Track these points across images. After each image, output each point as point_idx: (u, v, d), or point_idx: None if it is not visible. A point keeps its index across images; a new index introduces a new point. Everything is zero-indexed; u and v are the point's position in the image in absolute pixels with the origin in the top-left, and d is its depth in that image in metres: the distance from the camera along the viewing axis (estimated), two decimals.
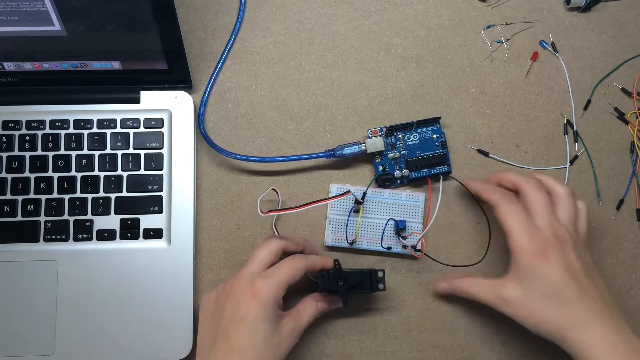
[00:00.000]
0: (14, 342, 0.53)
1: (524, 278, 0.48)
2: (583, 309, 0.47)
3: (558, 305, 0.47)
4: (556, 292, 0.47)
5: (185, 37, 0.59)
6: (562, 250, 0.48)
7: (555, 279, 0.47)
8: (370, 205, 0.57)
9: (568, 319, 0.47)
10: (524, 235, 0.49)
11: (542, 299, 0.47)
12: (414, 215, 0.57)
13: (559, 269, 0.48)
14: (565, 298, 0.47)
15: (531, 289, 0.48)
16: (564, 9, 0.64)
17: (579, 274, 0.48)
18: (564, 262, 0.48)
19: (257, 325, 0.46)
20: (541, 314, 0.47)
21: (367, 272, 0.52)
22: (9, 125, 0.57)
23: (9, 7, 0.48)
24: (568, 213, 0.51)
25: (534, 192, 0.51)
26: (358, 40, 0.62)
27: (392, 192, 0.57)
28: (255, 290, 0.47)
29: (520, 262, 0.49)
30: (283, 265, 0.50)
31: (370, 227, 0.57)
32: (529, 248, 0.48)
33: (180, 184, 0.57)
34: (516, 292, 0.48)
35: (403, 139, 0.59)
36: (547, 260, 0.48)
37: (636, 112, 0.61)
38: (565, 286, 0.47)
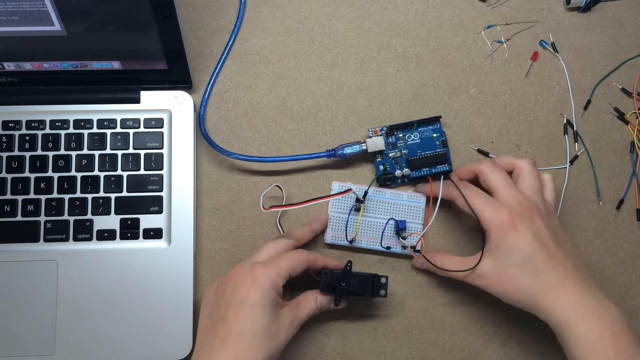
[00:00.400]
0: (14, 342, 0.53)
1: (495, 251, 0.49)
2: (554, 276, 0.48)
3: (530, 274, 0.48)
4: (527, 261, 0.48)
5: (185, 37, 0.59)
6: (530, 219, 0.49)
7: (525, 248, 0.48)
8: (371, 205, 0.57)
9: (540, 286, 0.48)
10: (488, 211, 0.50)
11: (514, 269, 0.48)
12: (414, 216, 0.57)
13: (528, 237, 0.48)
14: (536, 266, 0.48)
15: (503, 260, 0.49)
16: (564, 9, 0.64)
17: (547, 241, 0.49)
18: (532, 230, 0.49)
19: (256, 310, 0.46)
20: (514, 283, 0.48)
21: (370, 276, 0.52)
22: (9, 125, 0.57)
23: (9, 7, 0.48)
24: (531, 183, 0.52)
25: (491, 171, 0.52)
26: (358, 40, 0.62)
27: (394, 192, 0.58)
28: (255, 276, 0.47)
29: (491, 237, 0.50)
30: (284, 256, 0.50)
31: (371, 226, 0.57)
32: (497, 221, 0.49)
33: (180, 184, 0.57)
34: (488, 266, 0.49)
35: (404, 138, 0.59)
36: (516, 230, 0.48)
37: (636, 112, 0.61)
38: (536, 254, 0.48)
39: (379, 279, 0.52)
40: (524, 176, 0.52)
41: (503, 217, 0.49)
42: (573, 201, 0.59)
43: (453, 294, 0.57)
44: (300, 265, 0.50)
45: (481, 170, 0.53)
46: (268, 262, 0.49)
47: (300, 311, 0.50)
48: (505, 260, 0.49)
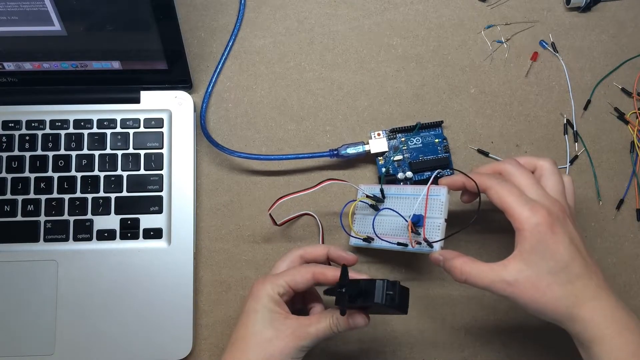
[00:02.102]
0: (14, 342, 0.53)
1: (530, 255, 0.44)
2: (590, 284, 0.44)
3: (565, 282, 0.44)
4: (564, 268, 0.44)
5: (185, 37, 0.59)
6: (565, 222, 0.46)
7: (563, 254, 0.44)
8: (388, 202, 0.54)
9: (577, 296, 0.44)
10: (524, 209, 0.45)
11: (550, 276, 0.44)
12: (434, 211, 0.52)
13: (566, 241, 0.44)
14: (573, 274, 0.44)
15: (538, 266, 0.44)
16: (564, 9, 0.64)
17: (581, 247, 0.46)
18: (568, 234, 0.45)
19: (249, 317, 0.48)
20: (548, 293, 0.44)
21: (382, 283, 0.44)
22: (9, 125, 0.57)
23: (9, 7, 0.48)
24: (555, 184, 0.48)
25: (516, 170, 0.48)
26: (358, 40, 0.62)
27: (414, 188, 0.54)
28: (252, 288, 0.49)
29: (525, 239, 0.45)
30: (293, 269, 0.50)
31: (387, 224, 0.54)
32: (534, 222, 0.44)
33: (180, 184, 0.57)
34: (520, 273, 0.44)
35: (406, 142, 0.59)
36: (554, 233, 0.44)
37: (636, 112, 0.61)
38: (573, 261, 0.44)
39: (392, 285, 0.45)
40: (547, 176, 0.49)
41: (541, 218, 0.44)
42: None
43: (453, 294, 0.57)
44: (302, 277, 0.48)
45: (506, 169, 0.49)
46: (266, 276, 0.50)
47: (309, 324, 0.47)
48: (540, 266, 0.44)
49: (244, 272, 0.57)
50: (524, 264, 0.45)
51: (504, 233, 0.50)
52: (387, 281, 0.44)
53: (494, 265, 0.46)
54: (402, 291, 0.45)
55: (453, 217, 0.57)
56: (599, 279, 0.45)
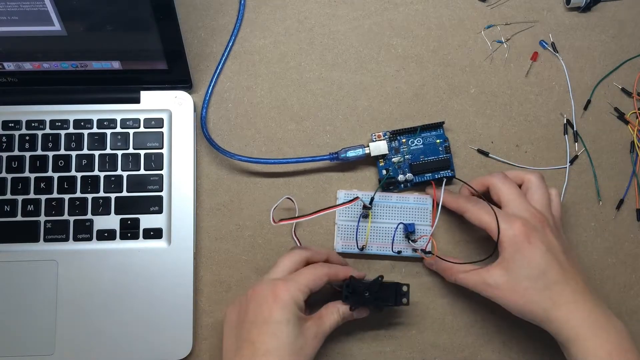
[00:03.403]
0: (13, 342, 0.53)
1: (508, 263, 0.49)
2: (567, 289, 0.48)
3: (543, 287, 0.48)
4: (540, 274, 0.48)
5: (185, 37, 0.59)
6: (543, 232, 0.49)
7: (539, 261, 0.48)
8: (379, 210, 0.57)
9: (553, 299, 0.48)
10: (502, 224, 0.50)
11: (527, 282, 0.48)
12: (422, 218, 0.57)
13: (542, 250, 0.48)
14: (549, 279, 0.48)
15: (516, 272, 0.49)
16: (564, 9, 0.64)
17: (559, 255, 0.49)
18: (545, 244, 0.49)
19: (281, 328, 0.46)
20: (526, 296, 0.48)
21: (393, 285, 0.52)
22: (9, 125, 0.57)
23: (9, 7, 0.48)
24: (540, 197, 0.52)
25: (502, 185, 0.53)
26: (358, 40, 0.62)
27: (400, 196, 0.57)
28: (276, 293, 0.47)
29: (504, 249, 0.49)
30: (305, 271, 0.50)
31: (380, 231, 0.57)
32: (510, 234, 0.49)
33: (180, 184, 0.57)
34: (501, 277, 0.49)
35: (407, 143, 0.59)
36: (530, 243, 0.48)
37: (636, 112, 0.61)
38: (549, 268, 0.48)
39: (401, 287, 0.52)
40: (533, 190, 0.53)
41: (516, 229, 0.49)
42: (573, 201, 0.59)
43: (453, 294, 0.57)
44: (320, 279, 0.50)
45: (493, 182, 0.53)
46: (288, 279, 0.49)
47: (324, 324, 0.50)
48: (518, 273, 0.48)
49: (244, 272, 0.57)
50: (504, 271, 0.49)
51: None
52: (398, 284, 0.52)
53: (479, 270, 0.51)
54: (408, 291, 0.52)
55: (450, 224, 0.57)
56: (577, 284, 0.48)
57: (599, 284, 0.58)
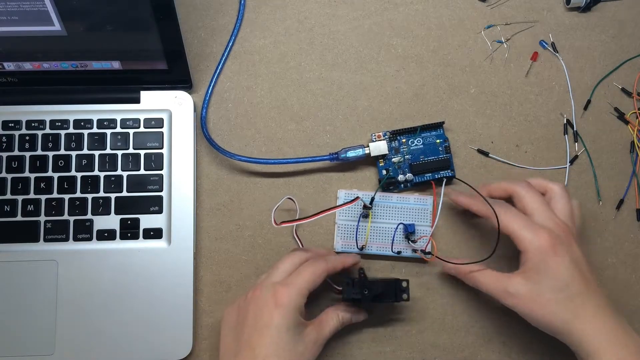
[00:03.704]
0: (13, 342, 0.53)
1: (532, 274, 0.48)
2: (590, 302, 0.47)
3: (565, 299, 0.47)
4: (564, 286, 0.47)
5: (185, 37, 0.59)
6: (568, 243, 0.49)
7: (563, 273, 0.47)
8: (379, 210, 0.57)
9: (575, 312, 0.47)
10: (528, 233, 0.49)
11: (549, 293, 0.47)
12: (422, 219, 0.57)
13: (567, 262, 0.48)
14: (572, 292, 0.47)
15: (539, 283, 0.48)
16: (564, 9, 0.64)
17: (583, 267, 0.48)
18: (570, 255, 0.48)
19: (281, 334, 0.46)
20: (548, 307, 0.47)
21: (392, 281, 0.52)
22: (9, 125, 0.57)
23: (9, 7, 0.48)
24: (564, 207, 0.52)
25: (527, 193, 0.52)
26: (358, 40, 0.62)
27: (400, 197, 0.57)
28: (277, 298, 0.47)
29: (529, 259, 0.48)
30: (303, 271, 0.49)
31: (380, 231, 0.57)
32: (536, 244, 0.48)
33: (180, 184, 0.57)
34: (523, 287, 0.48)
35: (407, 143, 0.59)
36: (556, 254, 0.48)
37: (636, 112, 0.61)
38: (572, 280, 0.47)
39: (401, 283, 0.52)
40: (556, 199, 0.52)
41: (543, 240, 0.48)
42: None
43: (453, 294, 0.57)
44: (320, 277, 0.50)
45: (517, 191, 0.52)
46: (288, 283, 0.48)
47: (323, 329, 0.50)
48: (541, 283, 0.48)
49: (244, 272, 0.57)
50: (527, 280, 0.48)
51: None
52: (399, 281, 0.52)
53: (500, 276, 0.50)
54: (407, 287, 0.52)
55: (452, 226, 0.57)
56: (599, 298, 0.48)
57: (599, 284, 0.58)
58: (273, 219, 0.51)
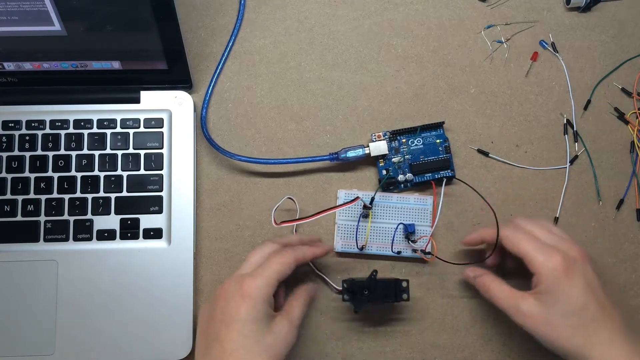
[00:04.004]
0: (14, 342, 0.53)
1: (545, 296, 0.47)
2: (604, 329, 0.46)
3: (578, 324, 0.46)
4: (577, 311, 0.46)
5: (185, 37, 0.59)
6: (582, 266, 0.48)
7: (577, 297, 0.46)
8: (379, 210, 0.57)
9: (589, 338, 0.46)
10: (540, 255, 0.48)
11: (562, 317, 0.46)
12: (422, 219, 0.57)
13: (581, 286, 0.47)
14: (586, 317, 0.46)
15: (552, 306, 0.47)
16: (564, 9, 0.64)
17: (598, 291, 0.47)
18: (584, 279, 0.47)
19: (248, 326, 0.45)
20: (561, 331, 0.46)
21: (392, 281, 0.52)
22: (9, 125, 0.57)
23: (9, 7, 0.48)
24: (559, 232, 0.51)
25: (528, 222, 0.52)
26: (358, 40, 0.62)
27: (400, 197, 0.57)
28: (243, 290, 0.46)
29: (541, 282, 0.48)
30: (270, 262, 0.48)
31: (380, 231, 0.57)
32: (549, 266, 0.47)
33: (180, 184, 0.57)
34: (535, 308, 0.47)
35: (407, 143, 0.59)
36: (569, 277, 0.47)
37: (636, 112, 0.61)
38: (586, 304, 0.46)
39: (401, 283, 0.52)
40: (550, 227, 0.52)
41: (556, 262, 0.47)
42: (573, 201, 0.59)
43: (453, 294, 0.57)
44: (288, 267, 0.48)
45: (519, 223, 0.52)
46: (255, 274, 0.47)
47: (292, 315, 0.48)
48: (554, 306, 0.47)
49: None
50: (539, 302, 0.47)
51: None
52: (399, 281, 0.52)
53: (515, 293, 0.49)
54: (407, 287, 0.52)
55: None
56: (614, 323, 0.47)
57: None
58: (273, 219, 0.51)
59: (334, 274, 0.57)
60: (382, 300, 0.52)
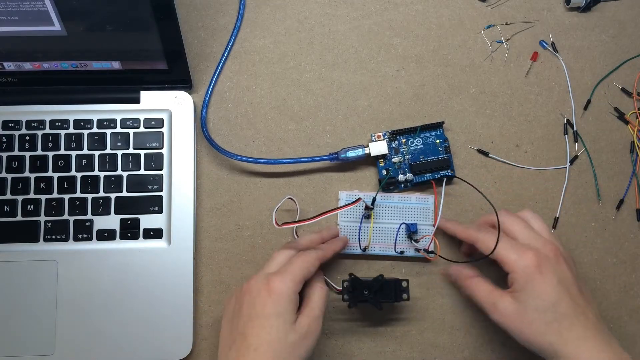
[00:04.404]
0: (14, 342, 0.53)
1: (519, 294, 0.48)
2: (577, 325, 0.47)
3: (551, 320, 0.47)
4: (550, 307, 0.47)
5: (185, 37, 0.59)
6: (556, 262, 0.49)
7: (550, 294, 0.47)
8: (381, 210, 0.57)
9: (562, 334, 0.46)
10: (513, 254, 0.49)
11: (536, 313, 0.47)
12: (424, 218, 0.57)
13: (554, 282, 0.47)
14: (559, 313, 0.47)
15: (526, 303, 0.47)
16: (564, 9, 0.64)
17: (571, 287, 0.48)
18: (558, 275, 0.48)
19: (272, 322, 0.46)
20: (535, 327, 0.47)
21: (392, 281, 0.52)
22: (9, 125, 0.57)
23: (9, 7, 0.48)
24: (541, 227, 0.52)
25: (507, 218, 0.52)
26: (358, 40, 0.62)
27: (402, 196, 0.57)
28: (270, 287, 0.47)
29: (516, 280, 0.48)
30: (295, 261, 0.49)
31: (382, 232, 0.57)
32: (522, 264, 0.48)
33: (180, 184, 0.57)
34: (510, 305, 0.48)
35: (407, 143, 0.58)
36: (541, 274, 0.47)
37: (636, 112, 0.61)
38: (560, 301, 0.47)
39: (401, 283, 0.52)
40: (532, 221, 0.52)
41: (528, 260, 0.48)
42: (573, 201, 0.59)
43: (453, 294, 0.57)
44: (313, 266, 0.50)
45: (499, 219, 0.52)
46: (282, 272, 0.48)
47: (313, 311, 0.49)
48: (528, 303, 0.47)
49: (244, 272, 0.57)
50: (514, 300, 0.48)
51: None
52: (399, 281, 0.52)
53: (493, 290, 0.50)
54: (407, 287, 0.53)
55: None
56: (587, 319, 0.47)
57: (599, 284, 0.58)
58: (274, 220, 0.51)
59: (335, 274, 0.57)
60: (382, 300, 0.52)
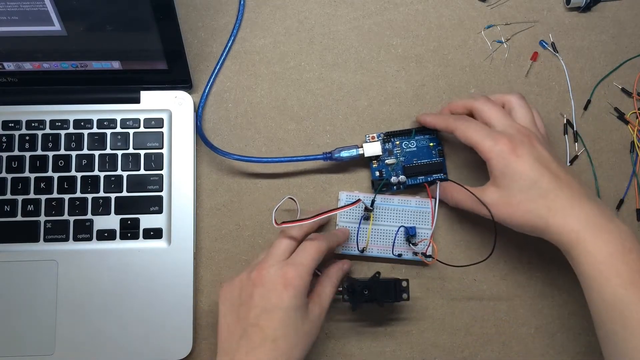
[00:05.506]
0: (14, 342, 0.53)
1: (500, 180, 0.49)
2: (562, 195, 0.48)
3: (537, 197, 0.48)
4: (533, 184, 0.48)
5: (185, 37, 0.59)
6: (530, 144, 0.49)
7: (529, 172, 0.48)
8: (380, 213, 0.57)
9: (549, 207, 0.47)
10: (488, 141, 0.50)
11: (520, 194, 0.48)
12: (423, 222, 0.57)
13: (530, 161, 0.48)
14: (543, 188, 0.48)
15: (508, 187, 0.49)
16: (564, 9, 0.64)
17: (551, 164, 0.49)
18: (533, 154, 0.49)
19: (290, 315, 0.46)
20: (521, 208, 0.48)
21: (392, 281, 0.52)
22: (9, 125, 0.57)
23: (9, 7, 0.48)
24: (524, 114, 0.53)
25: (485, 105, 0.53)
26: (358, 40, 0.62)
27: (401, 199, 0.57)
28: (287, 279, 0.47)
29: (494, 167, 0.50)
30: (307, 249, 0.49)
31: (381, 234, 0.57)
32: (498, 150, 0.49)
33: (180, 184, 0.57)
34: (495, 194, 0.50)
35: (400, 145, 0.58)
36: (517, 155, 0.49)
37: (636, 112, 0.61)
38: (540, 177, 0.48)
39: (401, 283, 0.52)
40: (516, 109, 0.53)
41: (503, 145, 0.49)
42: None
43: (453, 294, 0.57)
44: (323, 255, 0.50)
45: (475, 106, 0.54)
46: (296, 262, 0.48)
47: (323, 300, 0.50)
48: (510, 186, 0.49)
49: None
50: (497, 187, 0.50)
51: None
52: (399, 281, 0.52)
53: (476, 190, 0.52)
54: (407, 287, 0.53)
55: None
56: (572, 190, 0.48)
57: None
58: (274, 220, 0.51)
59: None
60: (382, 300, 0.52)
